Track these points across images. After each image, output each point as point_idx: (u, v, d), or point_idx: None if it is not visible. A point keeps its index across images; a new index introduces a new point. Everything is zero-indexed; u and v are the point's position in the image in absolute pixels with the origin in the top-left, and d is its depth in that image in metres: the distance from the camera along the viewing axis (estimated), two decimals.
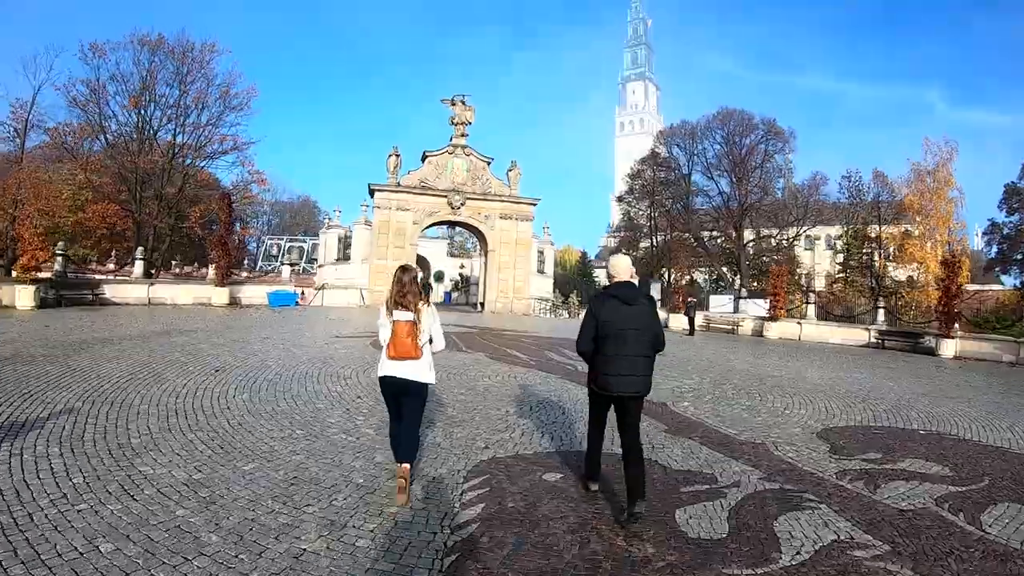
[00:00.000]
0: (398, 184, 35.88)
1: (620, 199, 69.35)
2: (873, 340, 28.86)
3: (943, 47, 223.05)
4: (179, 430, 6.65)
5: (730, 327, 33.60)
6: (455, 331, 20.87)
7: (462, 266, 62.96)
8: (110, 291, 27.02)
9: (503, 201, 37.46)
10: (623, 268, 5.17)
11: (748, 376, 13.66)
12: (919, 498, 5.67)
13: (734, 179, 56.98)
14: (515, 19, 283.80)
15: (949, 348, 25.01)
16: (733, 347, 22.75)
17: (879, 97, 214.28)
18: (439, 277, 68.66)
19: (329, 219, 41.83)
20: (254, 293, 31.81)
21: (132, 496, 4.74)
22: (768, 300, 32.89)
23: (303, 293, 37.50)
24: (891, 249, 50.85)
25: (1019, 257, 63.24)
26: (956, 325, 25.32)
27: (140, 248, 30.97)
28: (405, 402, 5.08)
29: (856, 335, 30.00)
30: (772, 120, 56.93)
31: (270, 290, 31.78)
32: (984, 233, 64.14)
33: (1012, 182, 65.65)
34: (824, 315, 34.35)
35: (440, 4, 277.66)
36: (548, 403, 9.17)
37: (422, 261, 70.08)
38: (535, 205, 38.39)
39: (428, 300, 5.18)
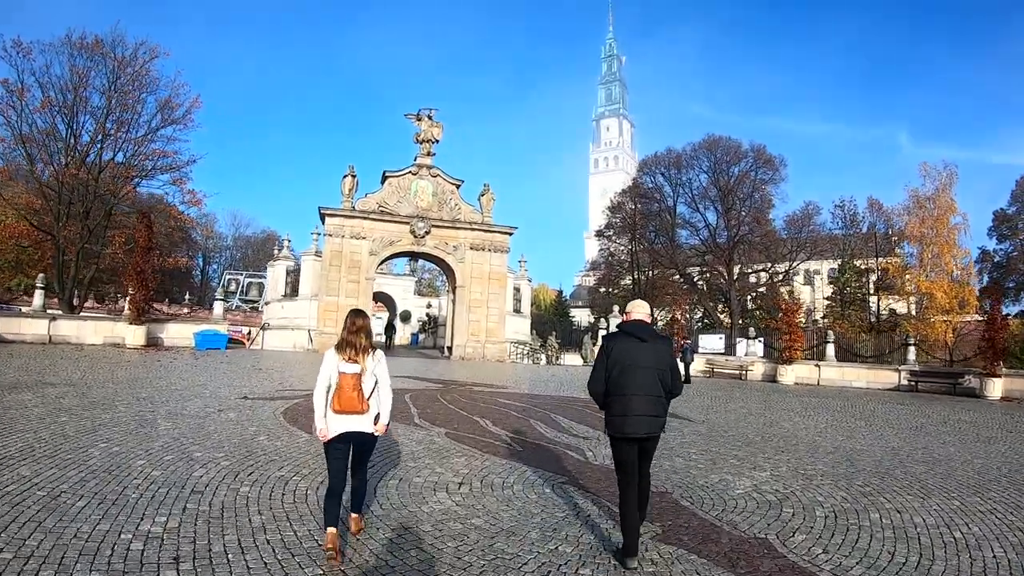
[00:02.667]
0: (353, 208, 31.57)
1: (600, 233, 65.77)
2: (904, 382, 26.21)
3: (909, 89, 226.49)
4: None
5: (737, 372, 30.20)
6: (412, 387, 16.54)
7: (429, 305, 58.48)
8: (1, 326, 23.18)
9: (474, 229, 33.27)
10: (640, 307, 5.20)
11: (823, 452, 9.91)
12: None
13: (722, 210, 53.94)
14: (484, 54, 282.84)
15: (996, 388, 21.61)
16: (755, 399, 19.05)
17: (852, 138, 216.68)
18: (405, 317, 64.02)
19: (277, 249, 37.00)
20: (180, 333, 27.07)
21: None
22: (772, 340, 29.57)
23: (249, 333, 32.79)
24: (891, 280, 48.73)
25: (1012, 286, 61.21)
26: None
27: (41, 275, 25.90)
28: (354, 452, 4.92)
29: (884, 377, 27.36)
30: (762, 147, 54.41)
31: (198, 329, 26.83)
32: (976, 262, 62.20)
33: (1001, 209, 64.52)
34: (843, 355, 31.16)
35: (400, 38, 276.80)
36: (550, 555, 5.19)
37: (387, 299, 65.57)
38: (511, 235, 34.32)
39: (374, 349, 4.97)
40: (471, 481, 7.03)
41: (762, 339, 32.53)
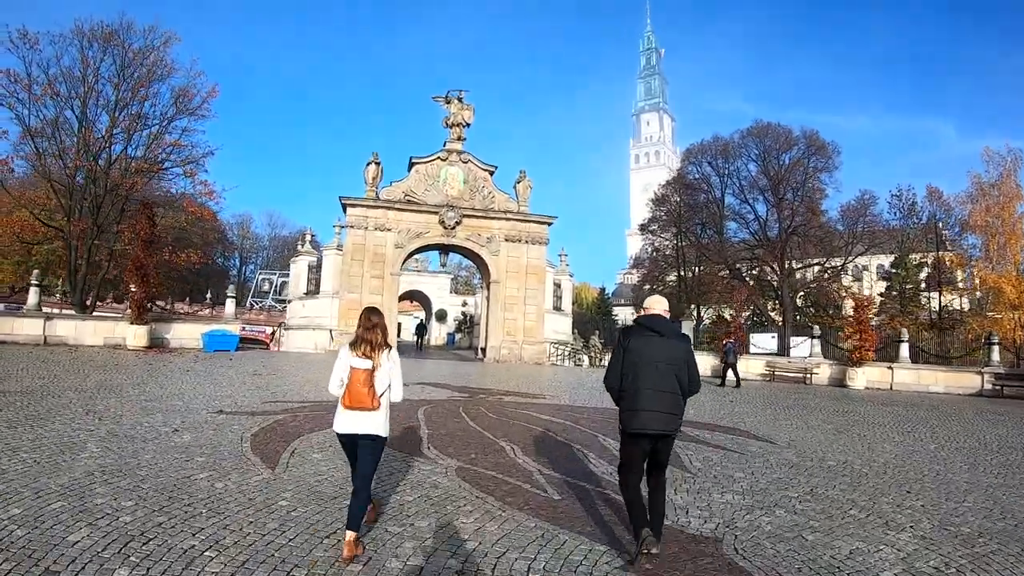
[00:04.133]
0: (377, 197, 29.23)
1: (643, 227, 62.31)
2: (988, 387, 24.15)
3: (955, 79, 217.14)
4: None
5: (801, 375, 27.37)
6: (432, 396, 14.07)
7: (464, 303, 56.18)
8: None
9: (509, 219, 30.65)
10: (658, 302, 5.11)
11: (959, 492, 7.15)
12: None
13: (773, 201, 50.33)
14: (521, 50, 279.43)
15: None
16: (833, 410, 16.17)
17: (897, 130, 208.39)
18: (441, 316, 61.94)
19: (300, 244, 34.95)
20: (188, 334, 25.31)
21: None
22: (828, 339, 27.65)
23: (273, 333, 30.88)
24: (949, 275, 46.82)
25: None
26: None
27: (36, 272, 24.33)
28: (359, 454, 4.83)
29: (964, 381, 25.19)
30: (814, 132, 50.34)
31: (206, 329, 24.85)
32: None
33: None
34: (914, 356, 28.61)
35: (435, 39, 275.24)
36: None
37: (422, 298, 63.56)
38: (550, 224, 31.54)
39: (389, 348, 4.92)
40: (477, 564, 4.42)
41: (817, 338, 29.44)
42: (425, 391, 14.94)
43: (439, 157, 30.43)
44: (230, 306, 28.08)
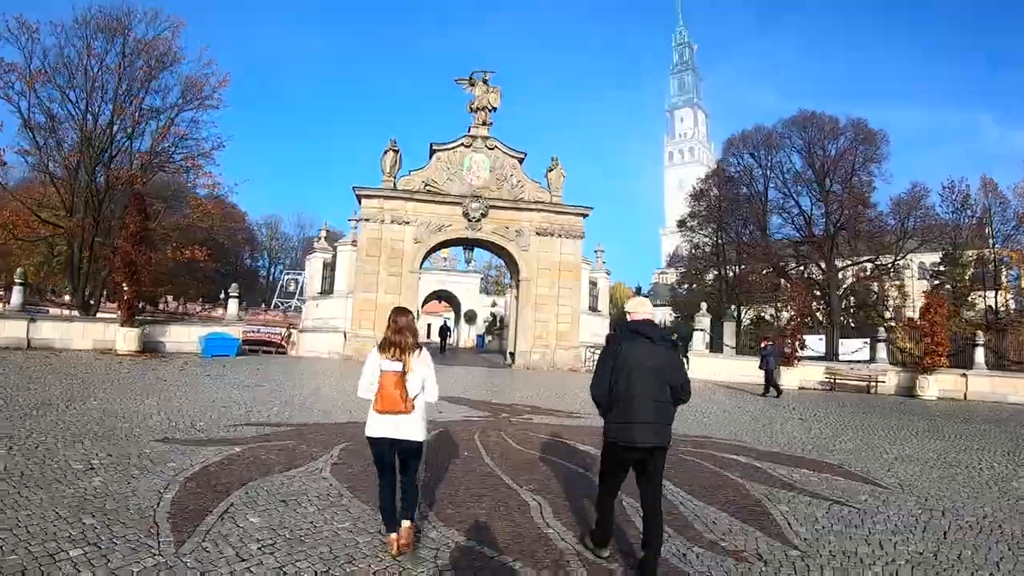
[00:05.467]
0: (394, 187, 26.76)
1: (682, 223, 59.15)
2: None
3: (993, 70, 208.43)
4: None
5: (865, 384, 24.66)
6: (446, 418, 11.51)
7: (494, 304, 53.75)
8: None
9: (541, 210, 27.99)
10: (643, 304, 4.88)
11: None
12: None
13: (819, 194, 47.14)
14: (550, 48, 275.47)
15: None
16: (923, 428, 13.53)
17: (936, 122, 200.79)
18: (470, 318, 59.79)
19: (316, 240, 32.85)
20: (187, 337, 23.45)
21: None
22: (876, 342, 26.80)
23: (289, 335, 28.95)
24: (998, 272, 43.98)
25: None
26: None
27: (20, 271, 22.67)
28: (398, 461, 4.70)
29: None
30: (863, 121, 46.74)
31: (205, 332, 22.80)
32: None
33: None
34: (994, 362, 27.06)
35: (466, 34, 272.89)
36: None
37: (450, 298, 61.42)
38: (586, 216, 28.76)
39: (420, 348, 4.72)
40: None
41: (881, 341, 26.51)
42: (441, 409, 12.49)
43: (462, 143, 27.82)
44: (232, 306, 25.93)
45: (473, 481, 7.04)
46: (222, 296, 42.72)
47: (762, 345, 22.43)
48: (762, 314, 53.72)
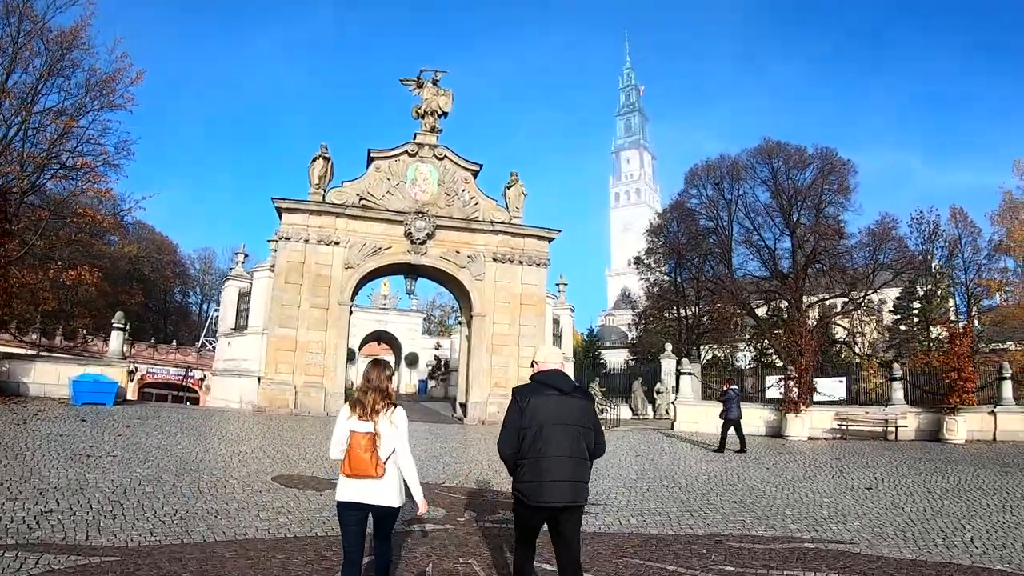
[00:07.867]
0: (323, 199, 22.02)
1: (638, 260, 56.37)
2: None
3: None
4: None
5: (881, 429, 21.11)
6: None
7: (438, 346, 49.10)
8: None
9: (498, 232, 23.79)
10: (553, 354, 4.59)
11: None
12: None
13: (786, 227, 45.36)
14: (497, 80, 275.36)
15: None
16: (970, 488, 10.93)
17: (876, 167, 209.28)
18: (412, 361, 54.99)
19: (234, 263, 27.77)
20: (54, 377, 18.38)
21: None
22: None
23: (203, 378, 23.86)
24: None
25: None
26: None
27: None
28: (373, 524, 4.41)
29: None
30: (831, 151, 45.45)
31: (76, 373, 17.59)
32: None
33: None
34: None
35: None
36: None
37: (390, 340, 56.49)
38: (551, 240, 24.63)
39: (393, 407, 4.38)
40: None
41: (898, 380, 23.51)
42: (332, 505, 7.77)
43: (406, 151, 23.49)
44: (115, 340, 20.36)
45: None
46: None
47: (723, 389, 18.84)
48: (716, 354, 51.26)
